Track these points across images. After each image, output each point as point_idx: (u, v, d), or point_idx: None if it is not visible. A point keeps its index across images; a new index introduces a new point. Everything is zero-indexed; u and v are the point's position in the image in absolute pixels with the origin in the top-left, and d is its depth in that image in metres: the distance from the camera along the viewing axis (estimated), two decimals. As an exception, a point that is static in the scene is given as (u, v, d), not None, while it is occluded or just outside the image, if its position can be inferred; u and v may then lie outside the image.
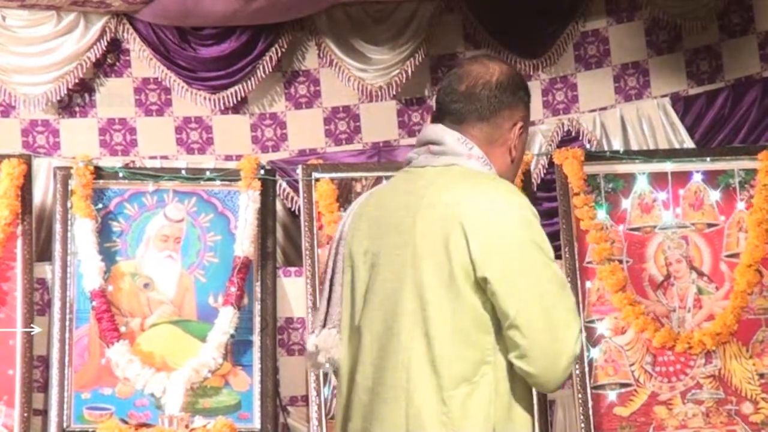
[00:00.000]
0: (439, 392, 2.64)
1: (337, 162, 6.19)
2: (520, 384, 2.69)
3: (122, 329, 5.73)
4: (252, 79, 6.25)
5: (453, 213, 2.67)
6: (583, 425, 5.73)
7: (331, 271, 2.92)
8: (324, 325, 2.90)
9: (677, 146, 6.38)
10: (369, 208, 2.89)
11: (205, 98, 6.22)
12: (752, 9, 6.49)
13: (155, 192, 5.96)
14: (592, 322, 5.85)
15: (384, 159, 6.26)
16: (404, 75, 6.32)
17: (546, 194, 6.20)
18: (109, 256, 5.81)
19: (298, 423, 5.91)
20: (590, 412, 5.75)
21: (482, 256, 2.63)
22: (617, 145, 6.40)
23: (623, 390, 5.82)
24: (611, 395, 5.82)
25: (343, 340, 2.85)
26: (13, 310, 5.63)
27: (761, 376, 5.85)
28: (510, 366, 2.66)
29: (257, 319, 5.89)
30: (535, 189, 6.16)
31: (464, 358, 2.65)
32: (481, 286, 2.64)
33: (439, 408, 2.64)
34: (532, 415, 2.72)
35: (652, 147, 6.38)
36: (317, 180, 6.01)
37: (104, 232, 5.85)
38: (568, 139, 6.41)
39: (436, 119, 2.86)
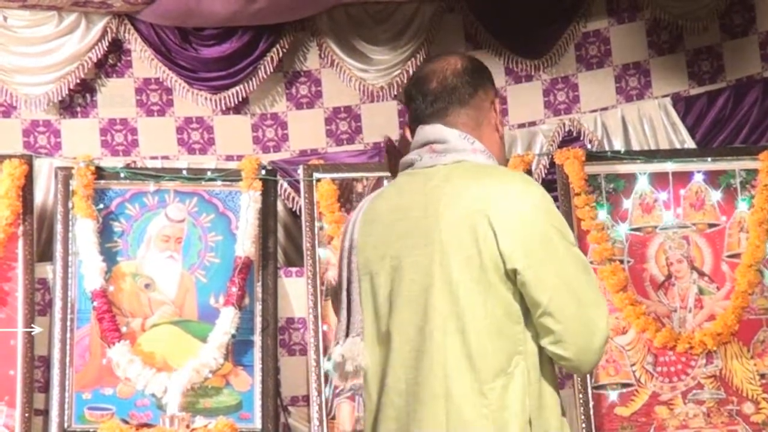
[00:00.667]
0: (478, 386, 2.67)
1: (339, 162, 6.19)
2: (547, 370, 2.73)
3: (123, 329, 5.74)
4: (253, 79, 6.25)
5: (478, 208, 2.70)
6: (584, 425, 5.72)
7: (346, 281, 2.91)
8: (347, 335, 2.88)
9: (678, 146, 6.38)
10: (379, 213, 2.88)
11: (206, 98, 6.22)
12: (753, 9, 6.49)
13: (156, 192, 5.96)
14: (593, 322, 5.84)
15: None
16: (405, 75, 6.30)
17: (547, 194, 6.18)
18: (110, 256, 5.81)
19: (299, 423, 5.90)
20: (591, 412, 5.75)
21: (511, 249, 2.67)
22: (618, 145, 6.39)
23: (624, 390, 5.82)
24: (612, 395, 5.82)
25: (368, 347, 2.84)
26: (14, 310, 5.64)
27: (762, 376, 5.85)
28: (538, 353, 2.71)
29: (258, 320, 5.89)
30: (536, 189, 6.14)
31: (499, 350, 2.68)
32: (511, 277, 2.69)
33: (479, 401, 2.66)
34: (560, 396, 2.77)
35: (653, 147, 6.38)
36: (318, 180, 6.01)
37: (105, 233, 5.85)
38: (570, 139, 6.40)
39: (416, 125, 2.89)
